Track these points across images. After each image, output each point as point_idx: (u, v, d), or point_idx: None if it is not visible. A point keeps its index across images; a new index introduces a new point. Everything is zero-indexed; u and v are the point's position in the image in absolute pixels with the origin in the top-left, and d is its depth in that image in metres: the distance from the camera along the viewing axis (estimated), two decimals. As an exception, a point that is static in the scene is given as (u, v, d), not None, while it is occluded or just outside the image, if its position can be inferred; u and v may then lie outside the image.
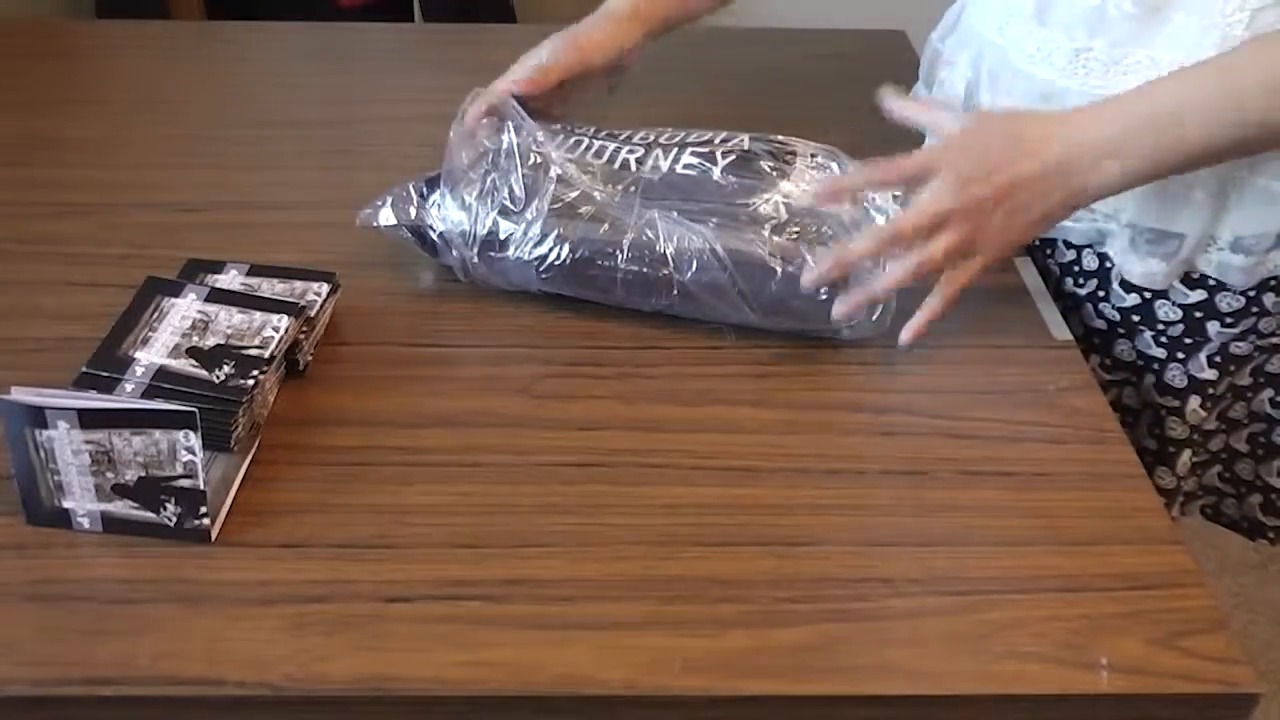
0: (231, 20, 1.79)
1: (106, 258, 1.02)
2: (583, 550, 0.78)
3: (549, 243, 0.93)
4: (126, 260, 0.99)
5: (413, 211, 0.97)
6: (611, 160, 0.96)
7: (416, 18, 2.12)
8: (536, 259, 0.94)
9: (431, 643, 0.72)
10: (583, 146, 0.97)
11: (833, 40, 1.01)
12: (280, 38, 1.45)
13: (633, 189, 0.94)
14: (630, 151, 0.96)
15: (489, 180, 0.95)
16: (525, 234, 0.94)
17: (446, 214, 0.96)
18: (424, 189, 0.98)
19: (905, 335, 0.90)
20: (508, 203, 0.94)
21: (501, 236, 0.94)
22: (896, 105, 0.93)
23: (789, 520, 0.81)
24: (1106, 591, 0.77)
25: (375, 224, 0.98)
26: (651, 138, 0.98)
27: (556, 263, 0.94)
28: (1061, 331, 0.98)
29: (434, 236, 0.97)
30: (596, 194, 0.93)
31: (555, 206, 0.94)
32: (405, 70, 1.37)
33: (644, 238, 0.92)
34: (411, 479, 0.83)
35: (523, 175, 0.94)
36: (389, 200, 0.98)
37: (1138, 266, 0.98)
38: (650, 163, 0.95)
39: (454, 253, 0.96)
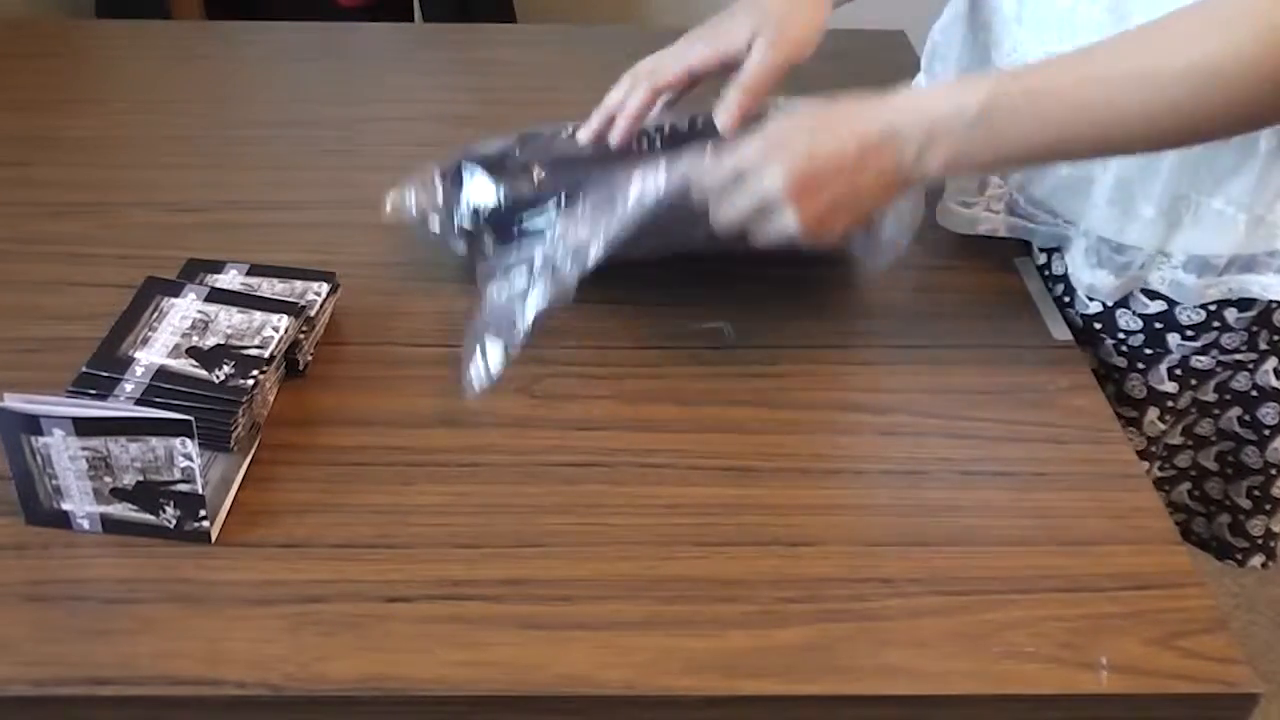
0: (231, 20, 1.79)
1: (106, 258, 1.01)
2: (583, 550, 0.78)
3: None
4: (126, 260, 0.99)
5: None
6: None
7: (416, 18, 2.12)
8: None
9: (432, 643, 0.72)
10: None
11: (832, 40, 1.01)
12: (280, 38, 1.45)
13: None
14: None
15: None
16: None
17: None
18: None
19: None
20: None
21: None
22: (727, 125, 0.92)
23: (789, 520, 0.81)
24: (1106, 591, 0.77)
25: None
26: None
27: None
28: (1061, 331, 0.98)
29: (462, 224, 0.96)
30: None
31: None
32: (405, 70, 1.36)
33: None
34: (411, 479, 0.83)
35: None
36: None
37: (1086, 276, 0.96)
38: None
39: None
